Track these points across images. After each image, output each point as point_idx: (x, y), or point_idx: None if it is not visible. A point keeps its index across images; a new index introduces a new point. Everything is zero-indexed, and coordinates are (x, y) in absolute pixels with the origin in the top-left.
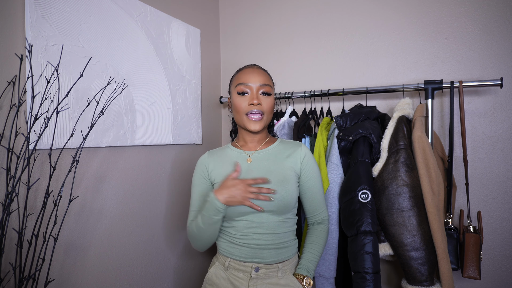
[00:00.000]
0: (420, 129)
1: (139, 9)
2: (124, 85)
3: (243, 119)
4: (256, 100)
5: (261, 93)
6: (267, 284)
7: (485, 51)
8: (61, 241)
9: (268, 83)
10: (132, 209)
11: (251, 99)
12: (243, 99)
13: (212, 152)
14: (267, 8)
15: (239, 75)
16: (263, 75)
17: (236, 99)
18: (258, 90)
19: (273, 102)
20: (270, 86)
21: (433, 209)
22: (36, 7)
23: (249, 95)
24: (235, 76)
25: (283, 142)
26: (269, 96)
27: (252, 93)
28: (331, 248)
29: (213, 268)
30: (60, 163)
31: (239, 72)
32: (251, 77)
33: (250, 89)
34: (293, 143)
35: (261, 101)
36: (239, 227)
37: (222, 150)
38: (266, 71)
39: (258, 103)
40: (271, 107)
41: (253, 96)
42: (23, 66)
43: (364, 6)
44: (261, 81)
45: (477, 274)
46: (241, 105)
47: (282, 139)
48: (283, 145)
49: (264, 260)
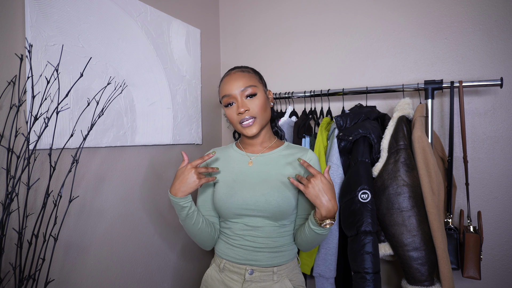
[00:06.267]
0: (420, 129)
1: (139, 9)
2: (124, 85)
3: (238, 128)
4: (243, 107)
5: (245, 97)
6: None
7: (485, 51)
8: (61, 241)
9: (250, 84)
10: (132, 209)
11: (237, 108)
12: (231, 110)
13: (218, 150)
14: (267, 8)
15: (222, 86)
16: (242, 78)
17: (226, 111)
18: (242, 96)
19: (262, 101)
20: (253, 86)
21: (433, 209)
22: (36, 7)
23: (235, 104)
24: (220, 88)
25: (289, 147)
26: (255, 96)
27: (237, 101)
28: (331, 248)
29: (209, 270)
30: (60, 163)
31: (221, 83)
32: (231, 85)
33: (233, 98)
34: (300, 148)
35: (247, 106)
36: (235, 229)
37: (226, 149)
38: (248, 71)
39: (245, 109)
40: (261, 107)
41: (238, 105)
42: (23, 66)
43: (364, 6)
44: (241, 85)
45: (477, 274)
46: (232, 116)
47: (289, 144)
48: (288, 151)
49: (259, 263)
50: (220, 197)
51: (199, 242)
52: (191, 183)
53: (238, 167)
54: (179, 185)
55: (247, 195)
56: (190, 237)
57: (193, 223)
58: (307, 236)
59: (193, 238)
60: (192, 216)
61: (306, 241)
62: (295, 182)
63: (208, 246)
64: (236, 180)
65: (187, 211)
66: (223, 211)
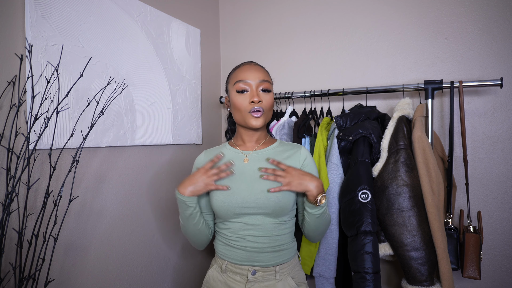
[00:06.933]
0: (420, 129)
1: (139, 9)
2: (124, 85)
3: (245, 116)
4: (257, 97)
5: (261, 89)
6: (264, 287)
7: (485, 51)
8: (61, 241)
9: (267, 79)
10: (132, 209)
11: (251, 96)
12: (243, 97)
13: (209, 151)
14: (267, 8)
15: (237, 72)
16: (261, 71)
17: (235, 97)
18: (258, 87)
19: (273, 99)
20: (269, 83)
21: (433, 209)
22: (36, 7)
23: (249, 92)
24: (233, 74)
25: (282, 144)
26: (269, 93)
27: (252, 90)
28: (331, 248)
29: (211, 271)
30: (60, 163)
31: (236, 70)
32: (250, 73)
33: (249, 86)
34: (292, 145)
35: (261, 98)
36: (234, 229)
37: (219, 149)
38: (264, 68)
39: (259, 100)
40: (271, 104)
41: (253, 94)
42: (23, 66)
43: (364, 6)
44: (260, 77)
45: (477, 274)
46: (242, 103)
47: (281, 141)
48: (282, 147)
49: (261, 263)
50: (218, 197)
51: (195, 241)
52: (200, 186)
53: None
54: (189, 185)
55: (246, 193)
56: (186, 235)
57: (194, 222)
58: (310, 224)
59: (190, 237)
60: (195, 216)
61: (312, 229)
62: (277, 189)
63: (202, 246)
64: (233, 179)
65: (191, 210)
66: (223, 212)
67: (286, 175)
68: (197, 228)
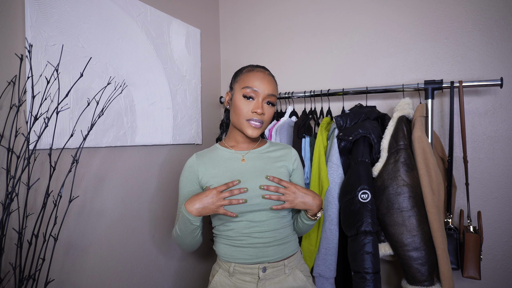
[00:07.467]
0: (420, 129)
1: (139, 9)
2: (124, 85)
3: (242, 123)
4: (261, 109)
5: (266, 102)
6: (275, 283)
7: (485, 51)
8: (61, 241)
9: (275, 93)
10: (132, 209)
11: (255, 106)
12: (247, 103)
13: (201, 154)
14: (267, 8)
15: (249, 76)
16: (272, 84)
17: (239, 101)
18: (265, 99)
19: (274, 112)
20: (275, 97)
21: (433, 209)
22: (36, 7)
23: (255, 101)
24: (244, 75)
25: (273, 145)
26: (273, 106)
27: (257, 100)
28: (331, 248)
29: (216, 277)
30: (60, 163)
31: (249, 73)
32: (261, 83)
33: (256, 95)
34: (282, 145)
35: (265, 110)
36: (239, 228)
37: (212, 151)
38: (275, 80)
39: (261, 112)
40: (271, 117)
41: (258, 105)
42: (23, 66)
43: (364, 6)
44: (269, 90)
45: (477, 274)
46: (244, 109)
47: (272, 142)
48: (274, 147)
49: (270, 258)
50: None
51: (187, 248)
52: (209, 209)
53: (231, 165)
54: (198, 205)
55: (250, 191)
56: (180, 245)
57: (194, 236)
58: (301, 228)
59: (183, 247)
60: (195, 231)
61: (301, 231)
62: (279, 206)
63: (192, 250)
64: (233, 178)
65: (194, 228)
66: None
67: (289, 194)
68: (195, 240)
